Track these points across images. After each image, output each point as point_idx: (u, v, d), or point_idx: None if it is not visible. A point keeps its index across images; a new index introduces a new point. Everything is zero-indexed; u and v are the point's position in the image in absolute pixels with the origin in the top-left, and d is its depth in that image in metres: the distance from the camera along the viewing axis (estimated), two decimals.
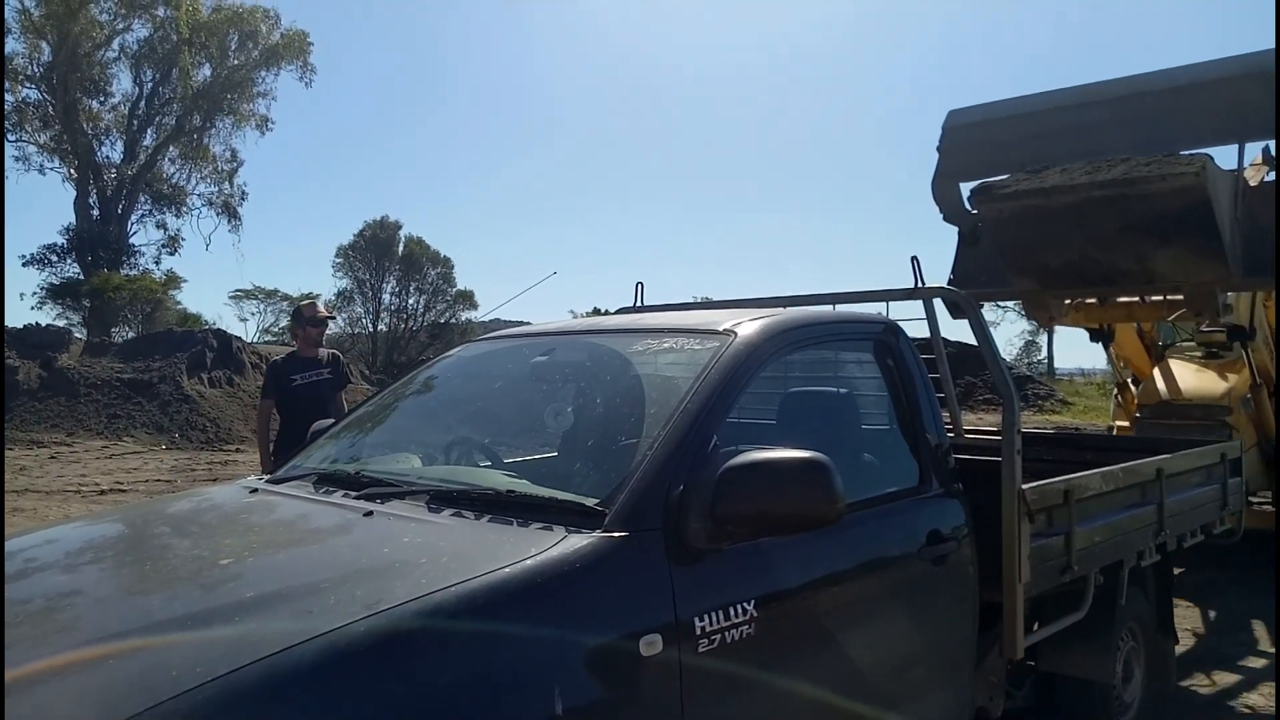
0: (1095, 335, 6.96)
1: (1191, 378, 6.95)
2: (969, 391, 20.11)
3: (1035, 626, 3.13)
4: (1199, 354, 7.43)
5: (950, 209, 5.68)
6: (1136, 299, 5.87)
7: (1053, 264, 5.07)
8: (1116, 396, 8.16)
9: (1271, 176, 5.52)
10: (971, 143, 5.64)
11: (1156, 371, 7.18)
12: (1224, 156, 4.87)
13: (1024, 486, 2.85)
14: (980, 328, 3.10)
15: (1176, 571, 4.46)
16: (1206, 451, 4.35)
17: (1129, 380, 7.73)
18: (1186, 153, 4.53)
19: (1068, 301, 5.85)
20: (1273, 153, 5.71)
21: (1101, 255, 4.89)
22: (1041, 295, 5.51)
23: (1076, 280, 5.23)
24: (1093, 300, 5.93)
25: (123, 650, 1.58)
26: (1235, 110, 4.86)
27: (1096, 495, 3.33)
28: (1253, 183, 5.11)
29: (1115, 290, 5.50)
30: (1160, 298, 5.60)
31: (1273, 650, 4.90)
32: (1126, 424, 7.33)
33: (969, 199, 5.13)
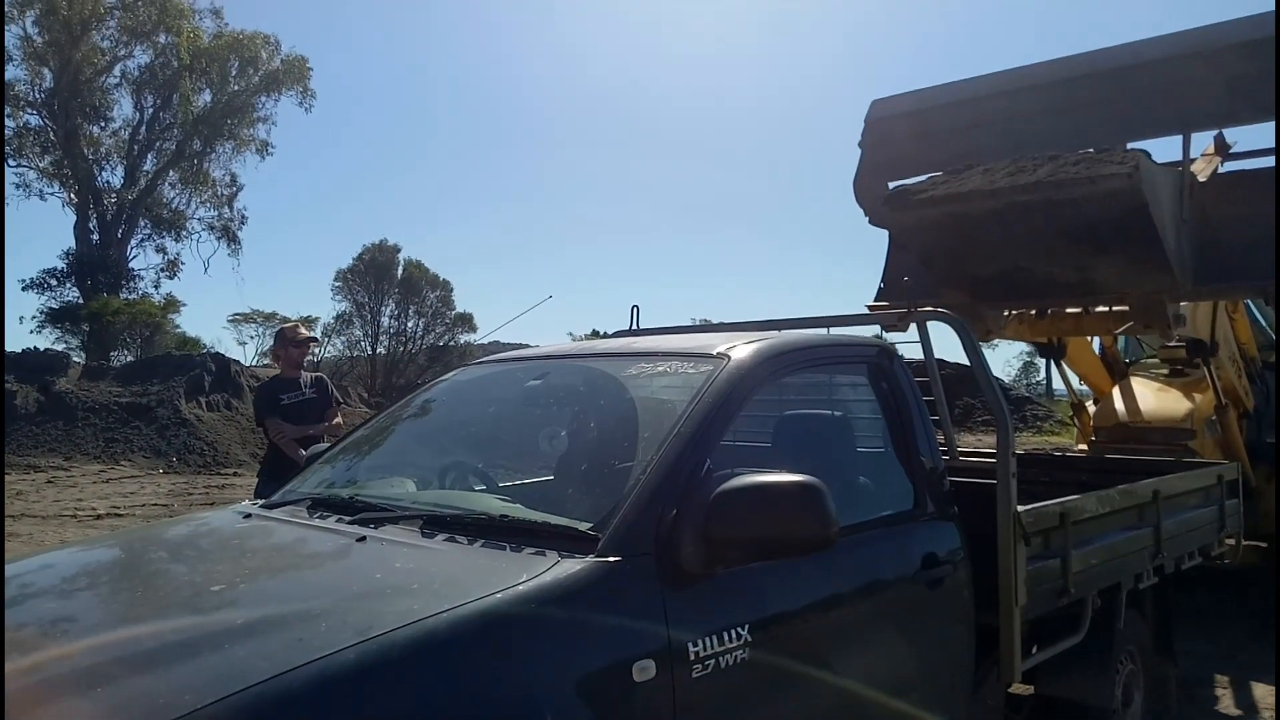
0: (1045, 350, 6.36)
1: (1152, 397, 6.31)
2: (968, 413, 20.08)
3: (1033, 650, 3.11)
4: (1165, 371, 6.80)
5: (877, 211, 5.11)
6: (1081, 309, 5.26)
7: (981, 274, 4.62)
8: (1072, 418, 7.53)
9: (1225, 167, 5.04)
10: (897, 136, 5.08)
11: (1116, 390, 6.56)
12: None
13: (1020, 509, 2.84)
14: (973, 349, 3.11)
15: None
16: (1203, 473, 4.34)
17: (1084, 400, 7.16)
18: (1132, 145, 4.15)
19: (1007, 313, 5.30)
20: (1227, 140, 5.20)
21: (1034, 265, 4.48)
22: (975, 306, 4.94)
23: (1010, 292, 4.79)
24: (1035, 311, 5.38)
25: (113, 677, 1.58)
26: (1181, 95, 4.33)
27: (1093, 518, 3.32)
28: (1202, 177, 4.63)
29: (1054, 301, 5.04)
30: (1106, 309, 5.07)
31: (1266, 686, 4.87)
32: (1085, 448, 6.69)
33: (885, 204, 4.68)
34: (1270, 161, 4.79)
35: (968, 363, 3.15)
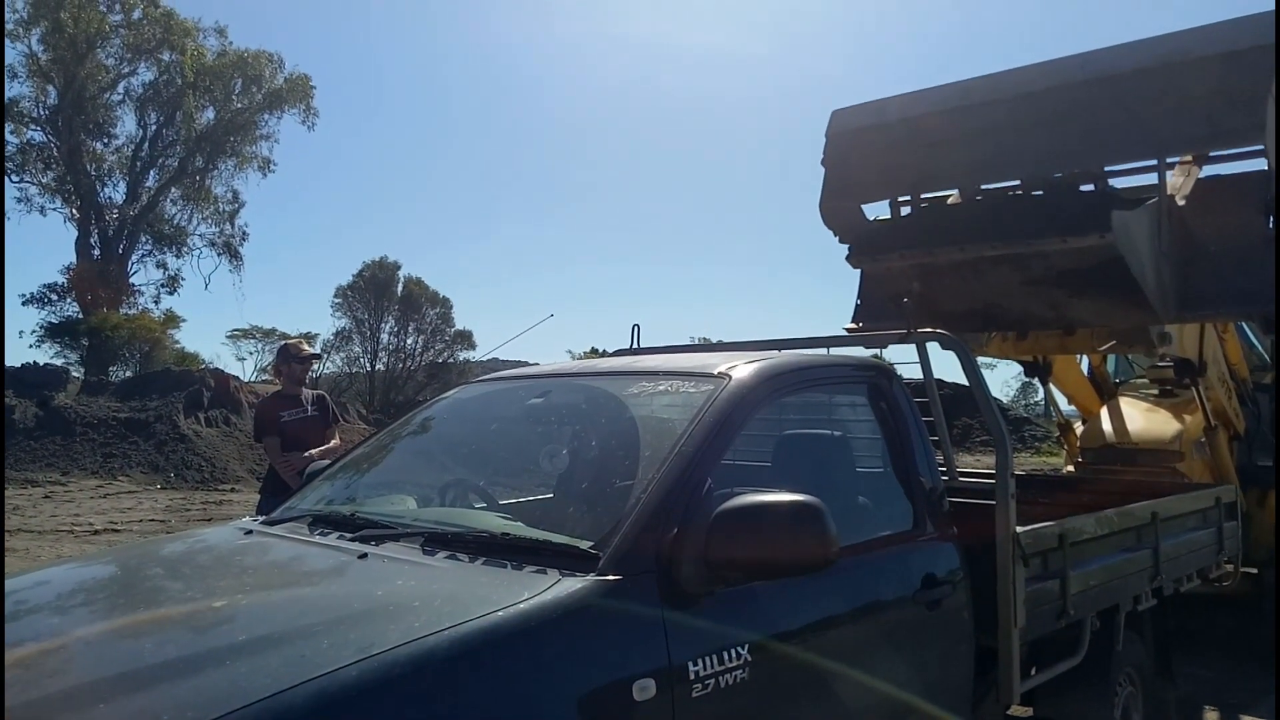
0: (1030, 369, 6.20)
1: (1140, 418, 6.08)
2: (966, 433, 20.06)
3: (1032, 672, 3.11)
4: (1155, 391, 6.53)
5: (846, 233, 4.96)
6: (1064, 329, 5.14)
7: (956, 311, 4.52)
8: (1059, 439, 7.40)
9: (1204, 172, 4.72)
10: (861, 153, 4.83)
11: (1103, 410, 6.36)
12: None
13: (1018, 530, 2.85)
14: (972, 370, 3.12)
15: None
16: (1202, 495, 4.35)
17: (1072, 420, 6.98)
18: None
19: (988, 334, 5.17)
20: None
21: (1010, 304, 4.41)
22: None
23: (988, 325, 4.73)
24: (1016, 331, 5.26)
25: (115, 693, 1.58)
26: (1161, 112, 3.98)
27: (1092, 539, 3.33)
28: (1180, 197, 4.37)
29: (1032, 328, 4.96)
30: (1089, 329, 4.98)
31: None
32: (1073, 469, 6.52)
33: (849, 259, 4.60)
34: (1253, 165, 4.54)
35: (966, 383, 3.17)
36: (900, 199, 5.03)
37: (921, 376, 3.52)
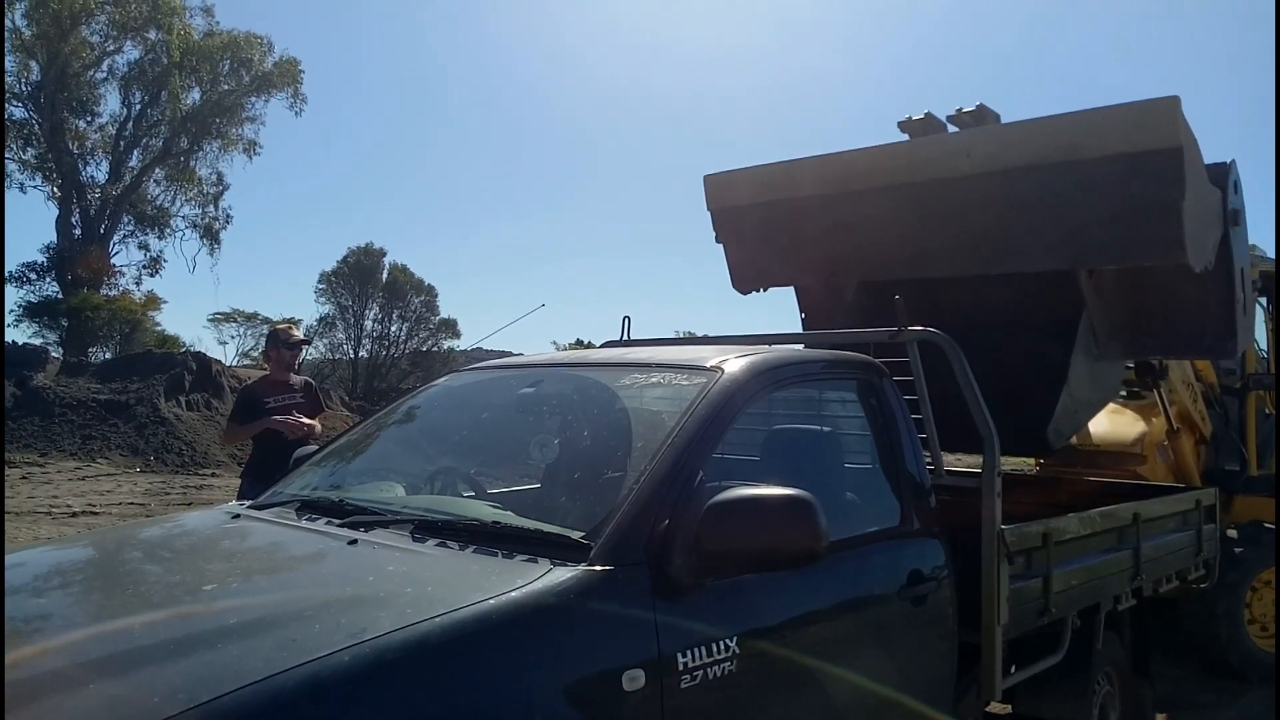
0: None
1: (1105, 419, 5.96)
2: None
3: (1013, 669, 3.14)
4: (1122, 392, 6.57)
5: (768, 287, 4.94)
6: None
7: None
8: None
9: None
10: (755, 235, 4.63)
11: None
12: None
13: (1003, 528, 2.87)
14: (962, 368, 3.14)
15: None
16: (1182, 498, 4.40)
17: None
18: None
19: None
20: None
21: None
22: None
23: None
24: None
25: (107, 675, 1.57)
26: (1067, 217, 3.69)
27: (1074, 538, 3.36)
28: (1106, 285, 4.23)
29: None
30: None
31: None
32: (1037, 469, 6.47)
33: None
34: None
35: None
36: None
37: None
